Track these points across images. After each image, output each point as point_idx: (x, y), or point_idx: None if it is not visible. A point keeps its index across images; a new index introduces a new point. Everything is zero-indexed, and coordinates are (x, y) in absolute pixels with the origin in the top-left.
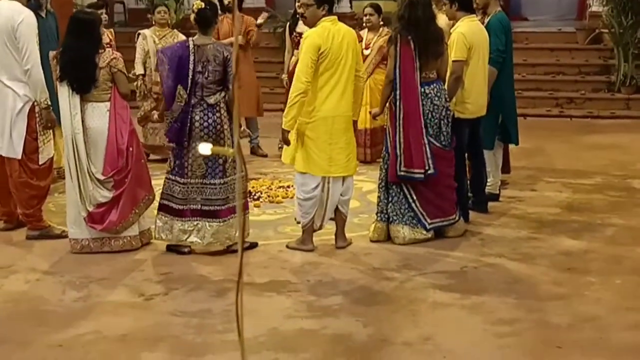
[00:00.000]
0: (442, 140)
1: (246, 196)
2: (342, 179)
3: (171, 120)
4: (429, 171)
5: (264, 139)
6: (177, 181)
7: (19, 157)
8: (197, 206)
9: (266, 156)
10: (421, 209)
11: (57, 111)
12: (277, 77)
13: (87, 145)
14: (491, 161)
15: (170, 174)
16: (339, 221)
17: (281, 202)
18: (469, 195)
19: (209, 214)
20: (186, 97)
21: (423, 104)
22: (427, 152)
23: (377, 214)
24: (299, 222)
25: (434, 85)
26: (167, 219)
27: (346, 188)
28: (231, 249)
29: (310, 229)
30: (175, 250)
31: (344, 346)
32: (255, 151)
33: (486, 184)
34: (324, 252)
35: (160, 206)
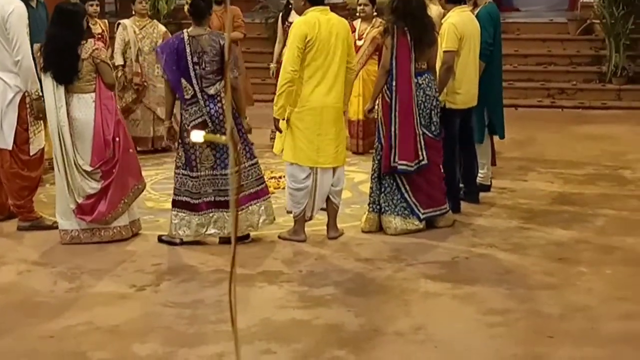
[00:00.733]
0: (432, 130)
1: (263, 181)
2: (332, 169)
3: (185, 117)
4: (422, 162)
5: (255, 129)
6: (189, 175)
7: (9, 148)
8: (211, 198)
9: (252, 144)
10: (414, 199)
11: None
12: (268, 67)
13: (74, 137)
14: (483, 153)
15: (182, 169)
16: (331, 212)
17: (273, 193)
18: (460, 186)
19: (224, 204)
20: (191, 89)
21: (416, 95)
22: (420, 143)
23: (369, 204)
24: (290, 212)
25: (426, 75)
26: (184, 214)
27: (337, 179)
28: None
29: (301, 219)
30: (168, 242)
31: (336, 336)
32: None
33: (477, 174)
34: (315, 243)
35: (175, 202)
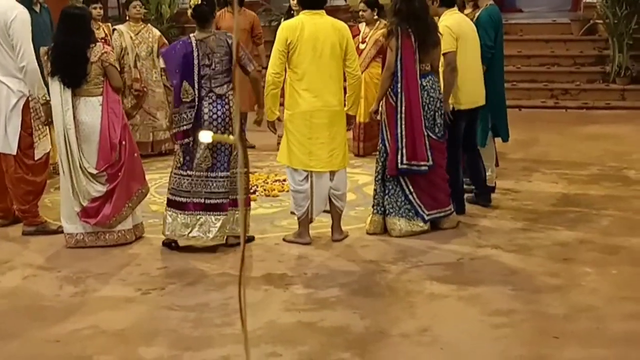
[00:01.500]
0: (436, 132)
1: (248, 191)
2: (329, 173)
3: (176, 119)
4: (428, 163)
5: (262, 133)
6: (185, 175)
7: (14, 153)
8: (201, 200)
9: (253, 147)
10: (419, 201)
11: None
12: None
13: (80, 140)
14: (487, 155)
15: (180, 169)
16: (334, 215)
17: (277, 196)
18: (471, 188)
19: (212, 208)
20: (192, 92)
21: (422, 97)
22: (426, 144)
23: (374, 206)
24: (294, 214)
25: (430, 77)
26: (176, 214)
27: (337, 182)
28: (229, 243)
29: (305, 221)
30: (168, 245)
31: (341, 338)
32: None
33: (486, 176)
34: (320, 245)
35: (168, 202)
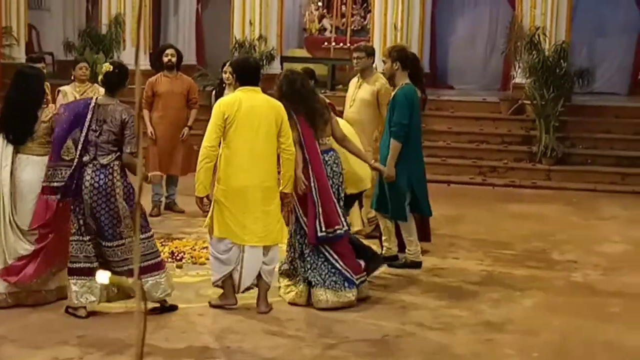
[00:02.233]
0: (340, 204)
1: (159, 254)
2: (262, 248)
3: (50, 173)
4: (344, 228)
5: (191, 197)
6: (83, 241)
7: None
8: (94, 265)
9: (183, 212)
10: (345, 266)
11: None
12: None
13: (15, 197)
14: (407, 230)
15: (76, 234)
16: (261, 288)
17: (204, 264)
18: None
19: (116, 273)
20: (74, 153)
21: (326, 171)
22: (338, 211)
23: (297, 277)
24: (215, 283)
25: (332, 153)
26: (84, 281)
27: (270, 257)
28: (149, 309)
29: (228, 283)
30: (73, 314)
31: None
32: (171, 207)
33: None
34: (246, 317)
35: (72, 270)
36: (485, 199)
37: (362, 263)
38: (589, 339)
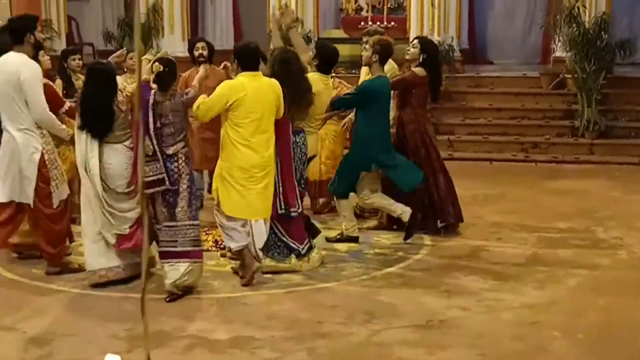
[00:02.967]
0: (301, 183)
1: (199, 245)
2: (263, 221)
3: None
4: (298, 210)
5: None
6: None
7: (31, 203)
8: (169, 248)
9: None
10: (291, 239)
11: None
12: None
13: (106, 179)
14: (346, 206)
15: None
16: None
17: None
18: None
19: (172, 255)
20: (151, 148)
21: (294, 152)
22: (297, 192)
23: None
24: (230, 251)
25: (302, 134)
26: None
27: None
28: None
29: (244, 252)
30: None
31: None
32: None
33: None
34: (290, 305)
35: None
36: (527, 175)
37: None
38: (635, 318)
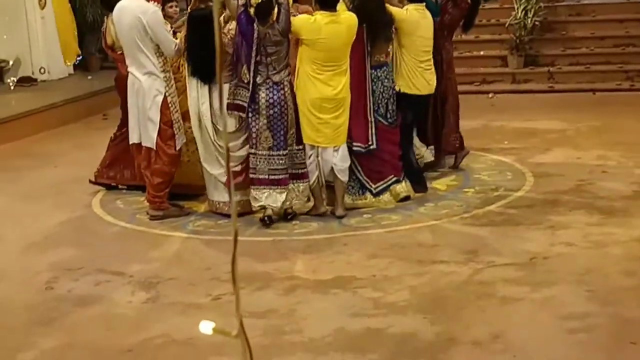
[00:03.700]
0: (388, 118)
1: (305, 166)
2: (332, 149)
3: (232, 91)
4: (372, 146)
5: None
6: (252, 153)
7: (154, 147)
8: (265, 176)
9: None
10: (365, 177)
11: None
12: None
13: (215, 122)
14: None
15: (251, 148)
16: (338, 189)
17: None
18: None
19: (275, 182)
20: (248, 77)
21: (375, 86)
22: (371, 129)
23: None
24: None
25: (385, 68)
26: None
27: (341, 156)
28: (289, 213)
29: (317, 191)
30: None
31: (411, 346)
32: None
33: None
34: (390, 244)
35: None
36: (633, 105)
37: (389, 171)
38: None
